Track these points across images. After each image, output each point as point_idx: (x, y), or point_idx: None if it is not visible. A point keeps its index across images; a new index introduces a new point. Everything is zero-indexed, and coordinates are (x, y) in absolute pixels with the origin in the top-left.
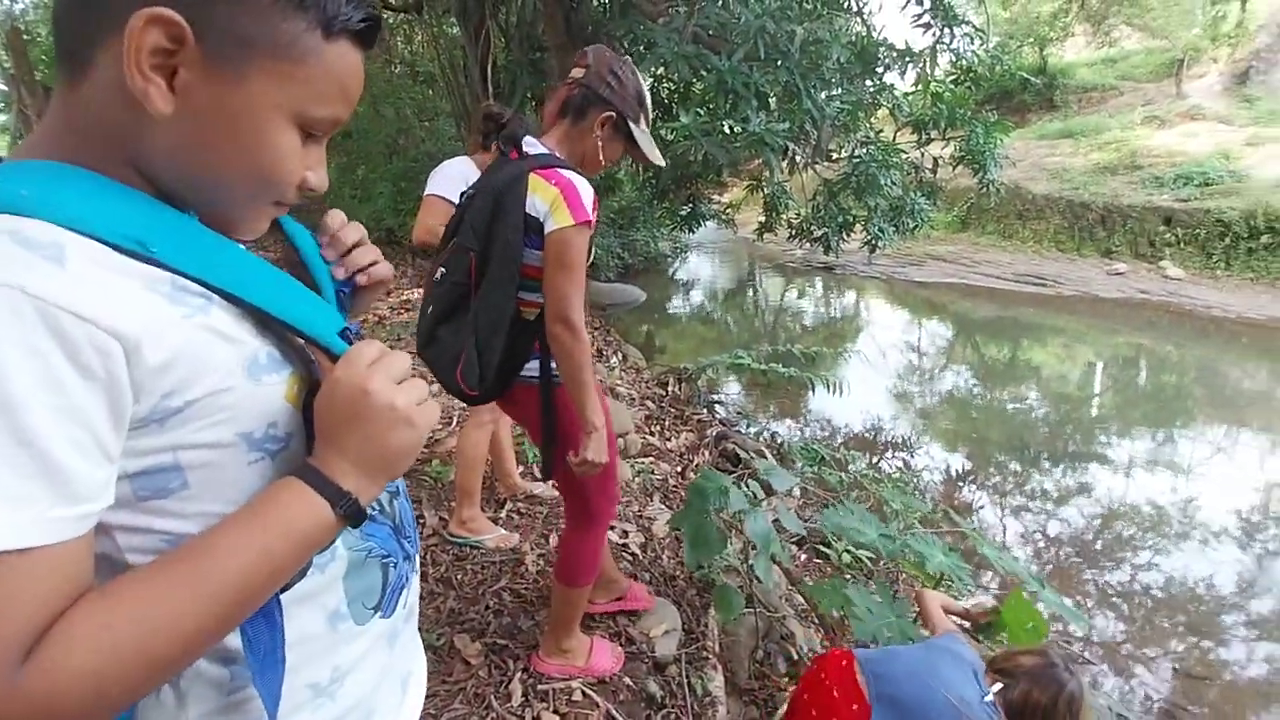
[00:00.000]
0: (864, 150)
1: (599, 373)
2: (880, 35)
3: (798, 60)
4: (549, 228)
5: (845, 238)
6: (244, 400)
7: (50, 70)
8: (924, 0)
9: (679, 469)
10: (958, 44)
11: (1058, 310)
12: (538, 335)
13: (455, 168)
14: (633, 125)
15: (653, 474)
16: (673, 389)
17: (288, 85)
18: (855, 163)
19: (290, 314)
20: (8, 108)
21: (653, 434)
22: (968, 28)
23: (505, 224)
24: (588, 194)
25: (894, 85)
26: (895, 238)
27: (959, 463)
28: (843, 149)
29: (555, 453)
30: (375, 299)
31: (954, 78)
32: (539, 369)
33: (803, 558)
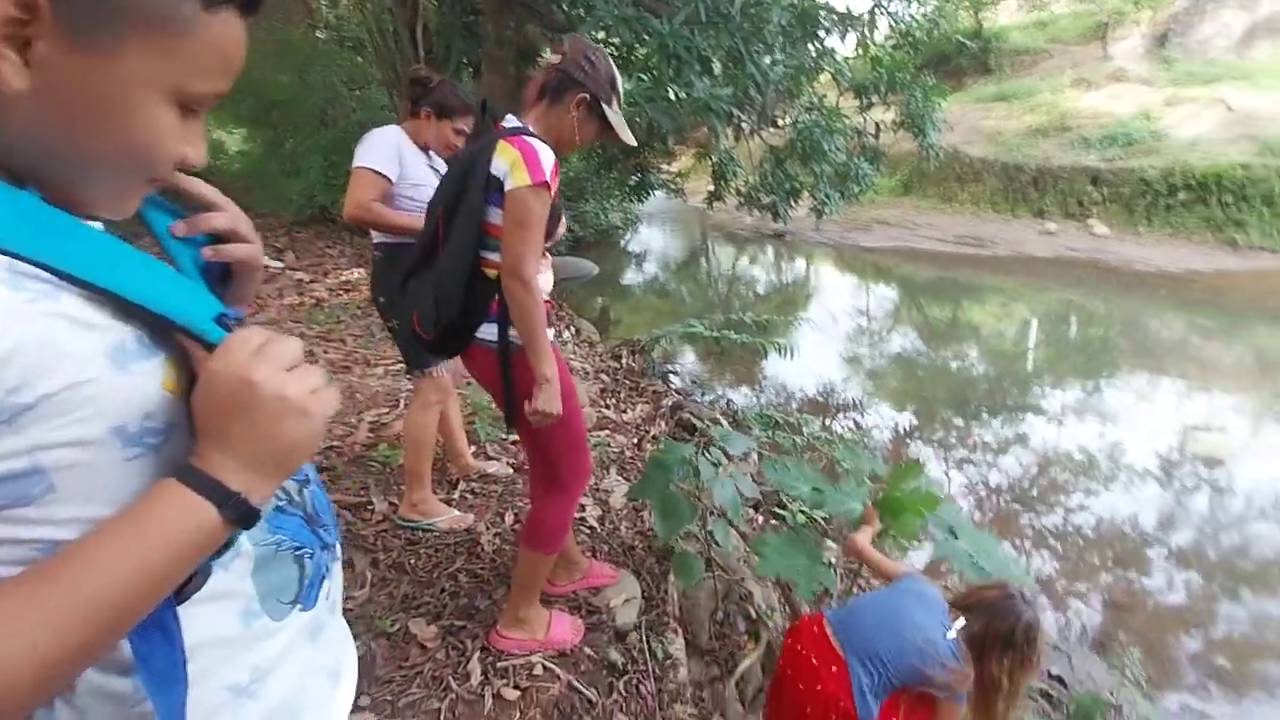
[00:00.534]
0: (808, 116)
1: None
2: None
3: (739, 23)
4: (508, 186)
5: (793, 205)
6: (110, 392)
7: None
8: None
9: (635, 441)
10: (896, 7)
11: (994, 270)
12: (497, 294)
13: (385, 137)
14: (605, 106)
15: (609, 447)
16: (627, 361)
17: (165, 59)
18: (800, 129)
19: (155, 300)
20: None
21: (608, 407)
22: None
23: (472, 184)
24: (548, 159)
25: (835, 50)
26: (841, 204)
27: (906, 420)
28: (787, 115)
29: (517, 414)
30: (253, 283)
31: (893, 42)
32: (498, 334)
33: (760, 520)
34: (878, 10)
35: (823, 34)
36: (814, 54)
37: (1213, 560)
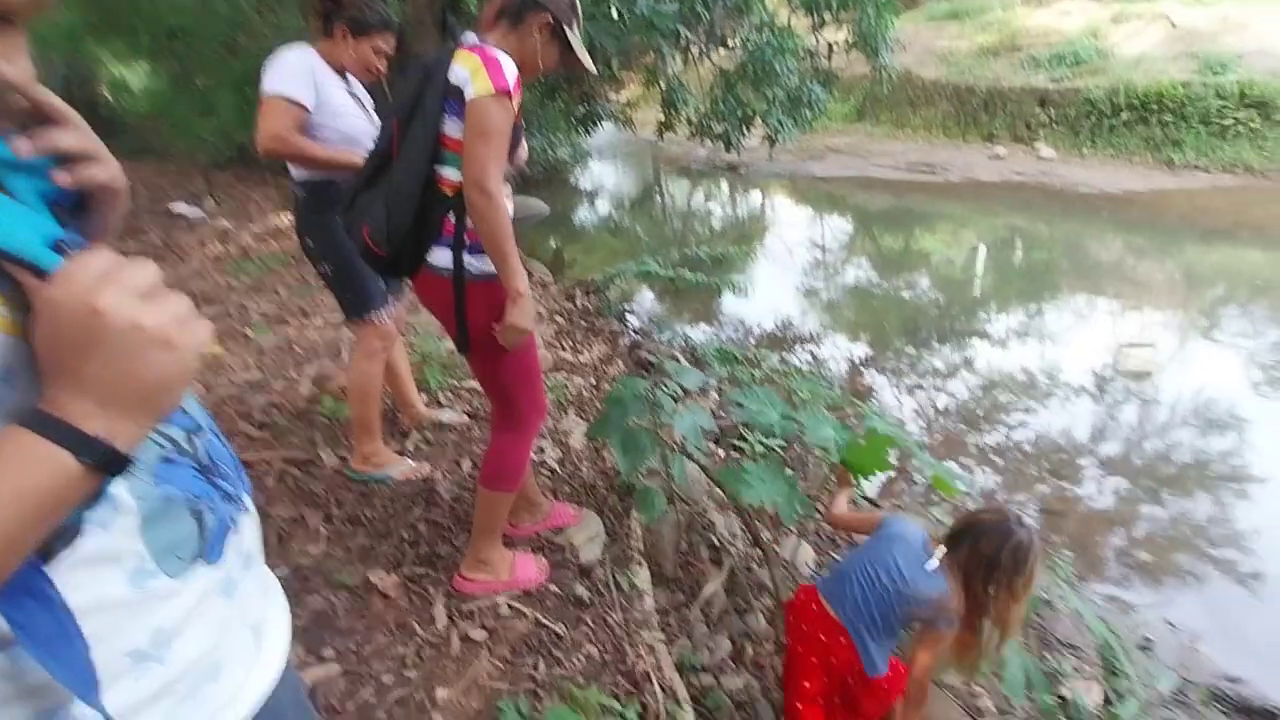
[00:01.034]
0: (759, 35)
1: None
2: None
3: None
4: (469, 94)
5: (745, 133)
6: None
7: None
8: None
9: (593, 381)
10: None
11: (945, 196)
12: (452, 213)
13: (296, 58)
14: (567, 29)
15: (566, 388)
16: (582, 302)
17: None
18: (751, 49)
19: None
20: None
21: (564, 349)
22: None
23: (429, 91)
24: (510, 69)
25: None
26: (794, 131)
27: (860, 350)
28: (737, 35)
29: (470, 343)
30: (115, 214)
31: None
32: (451, 259)
33: (721, 454)
34: None
35: None
36: None
37: (1137, 466)
